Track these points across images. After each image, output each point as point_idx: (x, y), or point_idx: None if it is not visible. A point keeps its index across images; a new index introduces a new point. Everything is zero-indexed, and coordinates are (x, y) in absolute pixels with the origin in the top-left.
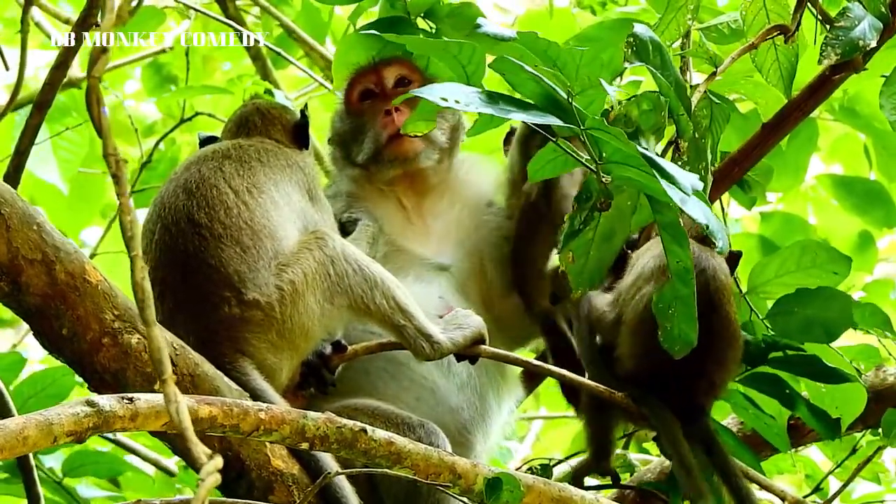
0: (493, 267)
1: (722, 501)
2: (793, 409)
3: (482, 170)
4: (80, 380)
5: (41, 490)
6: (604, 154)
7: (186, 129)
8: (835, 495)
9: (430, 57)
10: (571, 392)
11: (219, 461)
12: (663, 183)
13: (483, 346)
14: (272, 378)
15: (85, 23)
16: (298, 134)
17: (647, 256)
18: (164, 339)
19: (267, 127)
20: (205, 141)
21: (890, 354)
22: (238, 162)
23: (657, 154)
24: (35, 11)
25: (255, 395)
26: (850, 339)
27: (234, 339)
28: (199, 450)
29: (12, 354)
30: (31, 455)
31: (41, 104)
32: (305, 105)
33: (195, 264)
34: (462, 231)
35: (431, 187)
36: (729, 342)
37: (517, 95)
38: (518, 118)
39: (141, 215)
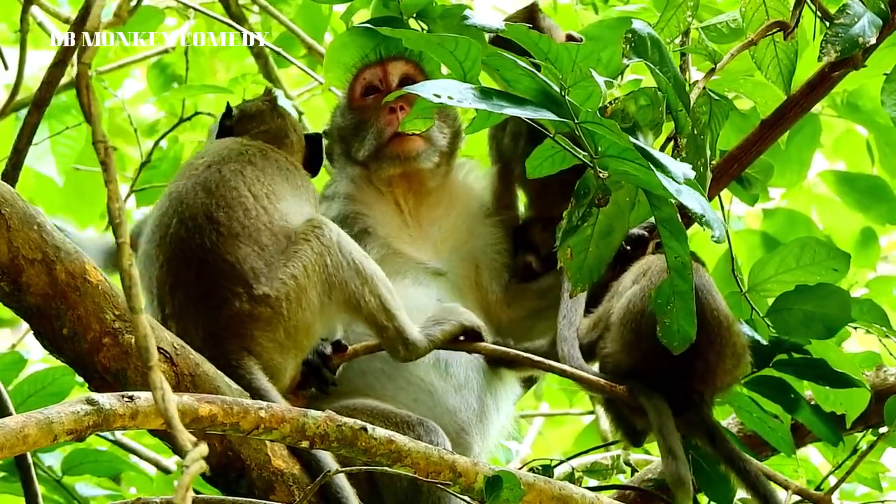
0: (489, 276)
1: (731, 488)
2: (796, 413)
3: (480, 177)
4: (80, 379)
5: (39, 488)
6: (599, 148)
7: (189, 128)
8: (835, 487)
9: (430, 62)
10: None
11: (204, 448)
12: (658, 175)
13: (483, 344)
14: (276, 379)
15: (83, 22)
16: (311, 164)
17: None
18: (150, 326)
19: (293, 149)
20: (223, 130)
21: (891, 354)
22: (261, 171)
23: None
24: (37, 12)
25: (257, 395)
26: (853, 344)
27: (242, 337)
28: (184, 437)
29: (12, 354)
30: (28, 453)
31: (39, 103)
32: (320, 135)
33: (211, 259)
34: (457, 238)
35: (429, 191)
36: (720, 323)
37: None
38: (513, 113)
39: (141, 214)
